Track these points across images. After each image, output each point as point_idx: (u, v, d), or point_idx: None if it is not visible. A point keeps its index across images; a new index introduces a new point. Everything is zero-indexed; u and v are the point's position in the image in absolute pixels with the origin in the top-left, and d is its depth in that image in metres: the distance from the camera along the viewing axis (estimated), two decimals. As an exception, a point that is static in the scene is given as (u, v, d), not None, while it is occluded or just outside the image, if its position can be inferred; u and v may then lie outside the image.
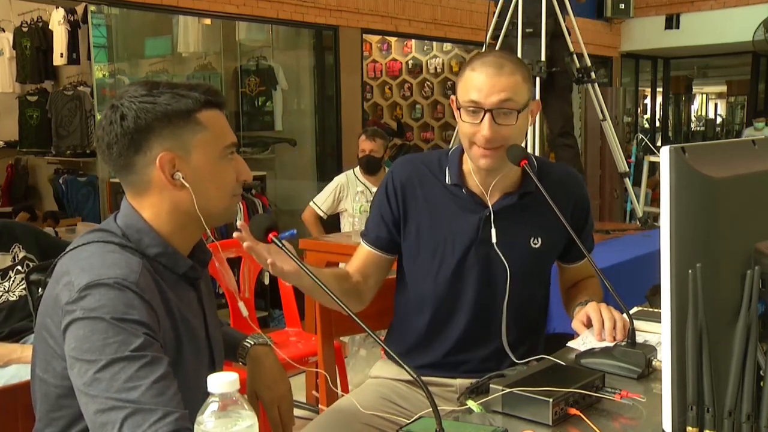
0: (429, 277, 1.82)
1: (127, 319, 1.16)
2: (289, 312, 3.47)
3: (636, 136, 7.72)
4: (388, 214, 1.85)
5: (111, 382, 1.11)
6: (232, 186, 1.36)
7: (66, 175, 6.35)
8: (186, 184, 1.30)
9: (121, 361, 1.12)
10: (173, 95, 1.30)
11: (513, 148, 1.73)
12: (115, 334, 1.14)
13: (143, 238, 1.30)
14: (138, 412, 1.09)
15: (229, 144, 1.34)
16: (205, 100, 1.32)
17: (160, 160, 1.28)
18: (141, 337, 1.15)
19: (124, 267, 1.22)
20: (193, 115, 1.30)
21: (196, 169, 1.31)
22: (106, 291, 1.18)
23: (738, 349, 1.04)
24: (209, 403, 0.99)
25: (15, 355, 2.28)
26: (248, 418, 1.00)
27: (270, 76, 6.53)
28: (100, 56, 5.81)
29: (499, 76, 1.70)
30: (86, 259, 1.24)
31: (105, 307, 1.16)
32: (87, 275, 1.20)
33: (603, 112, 4.40)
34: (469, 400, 1.42)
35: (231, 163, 1.35)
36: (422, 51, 9.06)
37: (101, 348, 1.13)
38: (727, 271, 1.05)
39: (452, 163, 1.84)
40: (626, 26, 9.43)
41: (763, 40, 8.36)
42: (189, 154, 1.30)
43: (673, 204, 1.01)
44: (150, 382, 1.12)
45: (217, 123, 1.33)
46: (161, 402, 1.11)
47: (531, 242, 1.83)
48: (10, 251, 2.53)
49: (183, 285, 1.35)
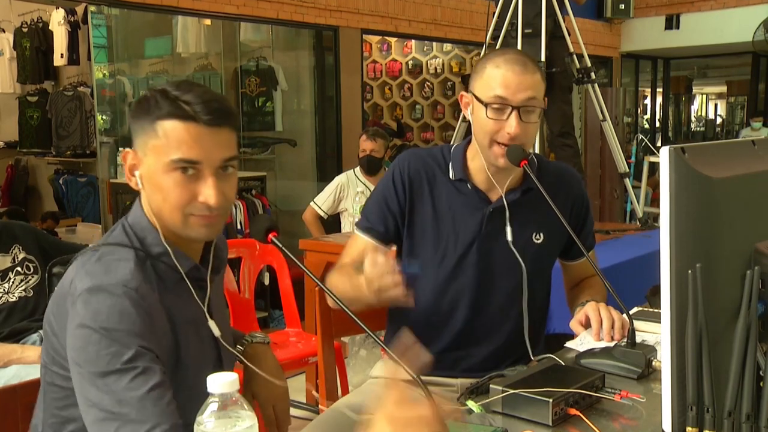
0: (430, 271, 1.82)
1: (121, 329, 1.18)
2: (289, 312, 3.47)
3: (636, 137, 7.71)
4: (395, 204, 1.83)
5: (104, 394, 1.14)
6: (181, 202, 1.28)
7: (66, 175, 6.35)
8: (140, 184, 1.32)
9: (113, 373, 1.15)
10: (164, 97, 1.28)
11: (513, 149, 1.73)
12: (108, 346, 1.16)
13: (147, 236, 1.32)
14: (128, 424, 1.12)
15: (176, 159, 1.26)
16: (168, 112, 1.27)
17: (123, 155, 1.34)
18: (133, 348, 1.17)
19: (126, 273, 1.24)
20: (154, 121, 1.28)
21: (147, 175, 1.31)
22: (105, 298, 1.20)
23: (738, 349, 1.04)
24: (209, 403, 0.99)
25: (15, 356, 2.28)
26: (248, 418, 1.00)
27: (270, 77, 6.54)
28: (100, 57, 5.81)
29: (525, 74, 1.72)
30: (92, 264, 1.26)
31: (100, 316, 1.18)
32: (89, 279, 1.22)
33: (603, 113, 4.39)
34: (469, 400, 1.42)
35: (184, 177, 1.27)
36: (422, 51, 9.06)
37: (95, 360, 1.16)
38: (727, 271, 1.05)
39: (455, 159, 1.84)
40: (626, 26, 9.43)
41: (763, 40, 8.36)
42: (145, 157, 1.30)
43: (673, 204, 1.01)
44: (142, 394, 1.14)
45: (174, 135, 1.26)
46: (152, 414, 1.13)
47: (534, 238, 1.84)
48: (10, 252, 2.53)
49: (186, 285, 1.35)
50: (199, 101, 1.27)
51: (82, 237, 5.45)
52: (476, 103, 1.76)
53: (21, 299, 2.48)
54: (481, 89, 1.75)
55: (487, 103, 1.72)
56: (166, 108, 1.27)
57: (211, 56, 6.70)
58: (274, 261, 3.49)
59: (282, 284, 3.40)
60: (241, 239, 4.52)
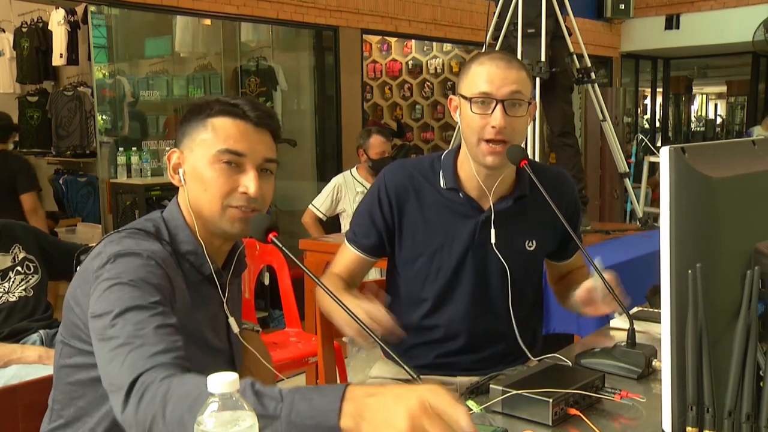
0: (426, 282, 1.82)
1: (147, 281, 1.22)
2: (289, 312, 3.47)
3: (636, 137, 7.71)
4: (381, 221, 1.83)
5: (123, 325, 1.16)
6: (222, 192, 1.35)
7: (66, 175, 6.35)
8: (183, 180, 1.38)
9: (134, 309, 1.18)
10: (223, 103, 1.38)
11: (513, 149, 1.73)
12: (132, 291, 1.20)
13: (179, 233, 1.38)
14: (144, 345, 1.13)
15: (225, 148, 1.35)
16: (220, 109, 1.37)
17: (168, 155, 1.40)
18: (156, 296, 1.21)
19: (156, 248, 1.31)
20: (207, 119, 1.37)
21: (193, 168, 1.37)
22: (134, 259, 1.25)
23: (738, 349, 1.04)
24: (209, 403, 0.99)
25: (15, 356, 2.28)
26: (248, 418, 1.00)
27: (270, 77, 6.53)
28: (100, 57, 5.80)
29: (510, 69, 1.73)
30: (121, 240, 1.32)
31: (128, 272, 1.22)
32: (118, 246, 1.28)
33: (603, 113, 4.39)
34: (469, 400, 1.42)
35: (228, 170, 1.35)
36: (422, 51, 9.06)
37: (118, 301, 1.19)
38: (727, 271, 1.05)
39: (446, 167, 1.83)
40: (626, 26, 9.43)
41: (763, 40, 8.36)
42: (192, 152, 1.38)
43: (673, 204, 1.01)
44: (158, 324, 1.16)
45: (223, 129, 1.36)
46: (166, 340, 1.15)
47: (526, 245, 1.84)
48: (10, 252, 2.53)
49: (207, 287, 1.41)
50: (248, 105, 1.38)
51: (82, 237, 5.44)
52: (463, 103, 1.76)
53: (21, 299, 2.48)
54: (467, 87, 1.75)
55: (472, 98, 1.72)
56: (218, 107, 1.38)
57: (210, 56, 6.70)
58: (274, 261, 3.49)
59: (282, 284, 3.40)
60: (241, 239, 4.52)
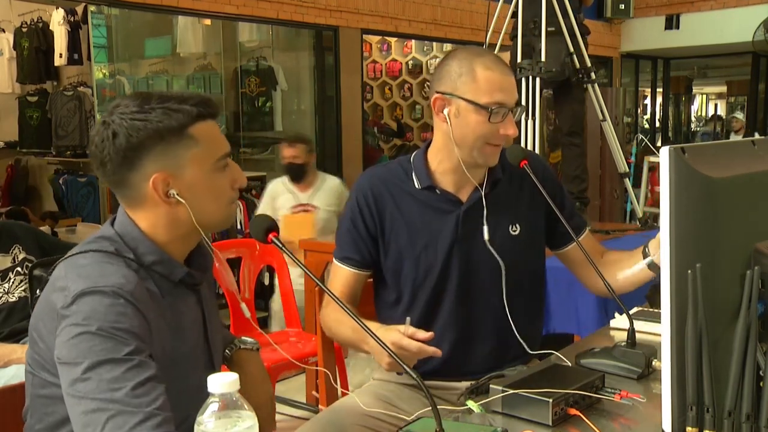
0: (415, 284, 1.81)
1: (119, 328, 1.16)
2: (289, 312, 3.47)
3: (636, 137, 7.72)
4: (364, 229, 1.82)
5: (97, 383, 1.11)
6: (228, 195, 1.35)
7: (66, 175, 6.34)
8: (181, 200, 1.29)
9: (108, 363, 1.12)
10: (165, 110, 1.27)
11: (513, 149, 1.73)
12: (102, 342, 1.14)
13: (139, 246, 1.30)
14: (121, 414, 1.09)
15: (222, 155, 1.32)
16: (197, 113, 1.28)
17: (153, 181, 1.27)
18: (129, 345, 1.15)
19: (121, 277, 1.22)
20: (185, 130, 1.27)
21: (191, 185, 1.30)
22: (101, 298, 1.17)
23: (738, 349, 1.04)
24: (209, 403, 0.99)
25: (15, 356, 2.28)
26: (248, 418, 1.00)
27: (270, 77, 6.54)
28: (100, 56, 5.81)
29: (511, 75, 1.74)
30: (84, 267, 1.24)
31: (97, 315, 1.16)
32: (83, 282, 1.20)
33: (603, 113, 4.39)
34: (469, 400, 1.42)
35: (225, 173, 1.33)
36: (422, 51, 9.06)
37: (88, 353, 1.13)
38: (727, 271, 1.05)
39: (418, 167, 1.82)
40: (626, 26, 9.43)
41: (763, 40, 8.36)
42: (183, 170, 1.28)
43: (673, 204, 1.01)
44: (135, 383, 1.11)
45: (209, 135, 1.31)
46: (145, 403, 1.10)
47: (510, 230, 1.82)
48: (10, 252, 2.53)
49: (181, 290, 1.35)
50: (196, 100, 1.31)
51: (82, 237, 5.40)
52: (466, 106, 1.72)
53: (21, 299, 2.48)
54: (477, 93, 1.70)
55: (490, 108, 1.69)
56: (187, 116, 1.27)
57: (210, 56, 6.70)
58: (274, 261, 3.49)
59: (282, 284, 3.40)
60: (241, 239, 4.53)
